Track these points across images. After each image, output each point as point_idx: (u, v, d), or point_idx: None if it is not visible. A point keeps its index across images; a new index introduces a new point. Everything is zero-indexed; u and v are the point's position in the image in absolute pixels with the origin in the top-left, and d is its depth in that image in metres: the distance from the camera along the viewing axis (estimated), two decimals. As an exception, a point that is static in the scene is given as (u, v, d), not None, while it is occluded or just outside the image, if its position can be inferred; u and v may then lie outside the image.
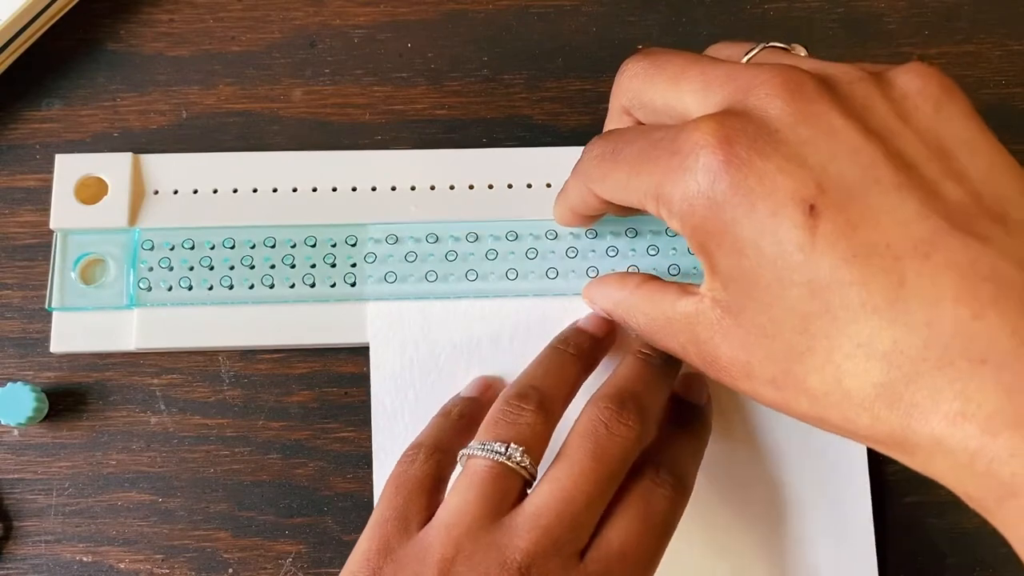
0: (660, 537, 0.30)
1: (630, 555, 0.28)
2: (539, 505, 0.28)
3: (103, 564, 0.36)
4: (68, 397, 0.37)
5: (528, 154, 0.39)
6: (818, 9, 0.42)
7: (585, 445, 0.29)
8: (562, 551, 0.27)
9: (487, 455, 0.29)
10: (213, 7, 0.42)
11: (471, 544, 0.27)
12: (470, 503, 0.28)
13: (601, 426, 0.30)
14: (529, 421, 0.30)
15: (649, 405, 0.31)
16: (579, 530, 0.28)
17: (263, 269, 0.37)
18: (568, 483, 0.28)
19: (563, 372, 0.33)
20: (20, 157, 0.40)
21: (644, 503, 0.30)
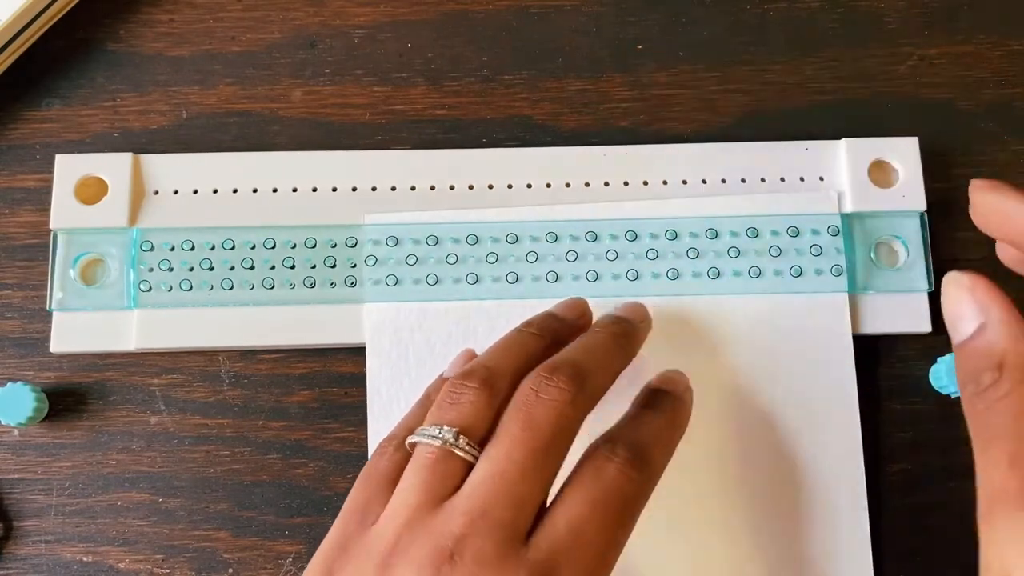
0: (615, 517, 0.27)
1: (580, 538, 0.26)
2: (473, 484, 0.27)
3: (103, 564, 0.36)
4: (68, 397, 0.37)
5: (528, 154, 0.39)
6: (818, 9, 0.42)
7: (516, 416, 0.28)
8: (500, 532, 0.26)
9: (426, 440, 0.28)
10: (213, 7, 0.42)
11: (409, 534, 0.26)
12: (411, 491, 0.27)
13: (531, 393, 0.28)
14: (471, 399, 0.28)
15: (588, 370, 0.29)
16: (517, 506, 0.26)
17: (263, 270, 0.37)
18: (500, 456, 0.27)
19: (519, 349, 0.31)
20: (20, 157, 0.40)
21: (594, 479, 0.28)
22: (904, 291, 0.38)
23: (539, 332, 0.32)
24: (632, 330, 0.33)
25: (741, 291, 0.37)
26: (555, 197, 0.38)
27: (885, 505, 0.37)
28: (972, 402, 0.28)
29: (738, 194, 0.38)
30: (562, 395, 0.28)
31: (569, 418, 0.28)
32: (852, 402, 0.36)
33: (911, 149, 0.39)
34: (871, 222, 0.38)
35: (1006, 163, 0.40)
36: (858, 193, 0.38)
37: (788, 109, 0.41)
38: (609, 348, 0.32)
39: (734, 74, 0.41)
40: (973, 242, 0.39)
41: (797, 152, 0.39)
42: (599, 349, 0.31)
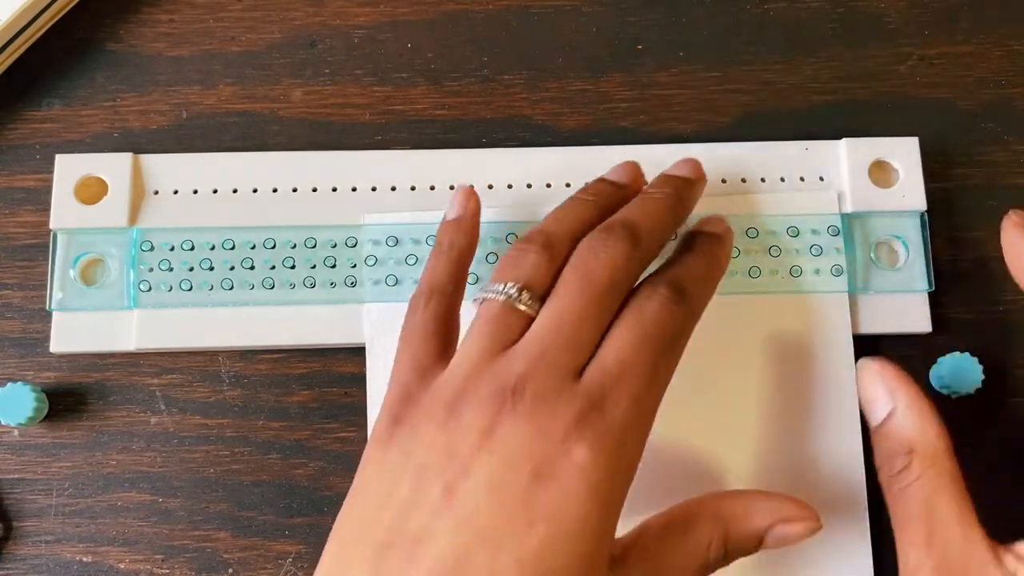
0: (658, 348, 0.29)
1: (627, 368, 0.28)
2: (534, 332, 0.29)
3: (103, 564, 0.36)
4: (68, 397, 0.37)
5: (528, 154, 0.39)
6: (818, 9, 0.42)
7: (574, 272, 0.30)
8: (557, 371, 0.28)
9: (491, 295, 0.30)
10: (213, 7, 0.42)
11: (475, 379, 0.28)
12: (476, 343, 0.29)
13: (589, 252, 0.30)
14: (532, 260, 0.31)
15: (645, 229, 0.31)
16: (573, 348, 0.28)
17: (263, 270, 0.37)
18: (559, 306, 0.29)
19: (574, 214, 0.33)
20: (20, 157, 0.40)
21: (638, 315, 0.30)
22: (904, 291, 0.38)
23: (593, 198, 0.34)
24: (687, 189, 0.35)
25: (741, 291, 0.37)
26: (555, 197, 0.38)
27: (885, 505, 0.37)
28: (888, 484, 0.31)
29: (738, 194, 0.38)
30: (618, 251, 0.30)
31: (624, 272, 0.30)
32: (852, 402, 0.36)
33: (911, 149, 0.39)
34: (871, 222, 0.38)
35: (1006, 163, 0.40)
36: (858, 193, 0.38)
37: (788, 109, 0.41)
38: (663, 209, 0.33)
39: (734, 74, 0.41)
40: (973, 242, 0.39)
41: (797, 152, 0.39)
42: (653, 210, 0.33)
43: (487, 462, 0.26)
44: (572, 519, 0.26)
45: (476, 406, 0.27)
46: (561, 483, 0.26)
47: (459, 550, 0.25)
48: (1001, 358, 0.38)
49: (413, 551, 0.26)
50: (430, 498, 0.26)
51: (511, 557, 0.25)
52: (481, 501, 0.26)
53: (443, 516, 0.26)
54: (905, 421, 0.31)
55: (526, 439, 0.27)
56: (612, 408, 0.27)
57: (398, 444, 0.28)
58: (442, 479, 0.26)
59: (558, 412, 0.27)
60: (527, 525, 0.26)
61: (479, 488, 0.26)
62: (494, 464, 0.26)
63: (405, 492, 0.27)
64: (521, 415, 0.27)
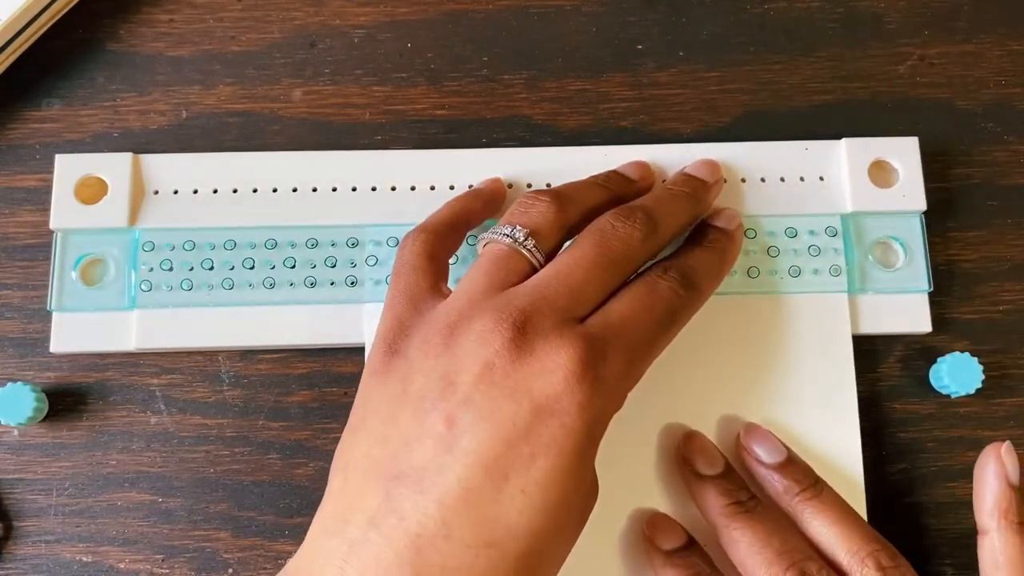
0: (661, 318, 0.30)
1: (629, 328, 0.29)
2: (540, 275, 0.30)
3: (103, 564, 0.36)
4: (68, 397, 0.37)
5: (528, 154, 0.39)
6: (818, 9, 0.42)
7: (590, 237, 0.31)
8: (558, 313, 0.28)
9: (496, 236, 0.31)
10: (213, 7, 0.42)
11: (472, 310, 0.28)
12: (476, 278, 0.30)
13: (608, 224, 0.31)
14: (541, 210, 0.31)
15: (662, 218, 0.32)
16: (576, 298, 0.29)
17: (263, 270, 0.37)
18: (569, 261, 0.30)
19: (587, 191, 0.34)
20: (20, 157, 0.40)
21: (647, 288, 0.31)
22: (903, 291, 0.38)
23: (605, 184, 0.35)
24: (703, 191, 0.36)
25: (740, 291, 0.37)
26: None
27: (885, 505, 0.37)
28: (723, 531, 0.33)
29: (737, 194, 0.38)
30: (635, 231, 0.31)
31: (638, 251, 0.31)
32: (852, 402, 0.36)
33: (911, 149, 0.39)
34: (870, 222, 0.38)
35: (1006, 163, 0.40)
36: (858, 193, 0.38)
37: (788, 109, 0.41)
38: (682, 206, 0.35)
39: (734, 74, 0.41)
40: (973, 242, 0.39)
41: (797, 152, 0.39)
42: (672, 205, 0.34)
43: (487, 394, 0.27)
44: (570, 454, 0.27)
45: (476, 337, 0.28)
46: (560, 419, 0.27)
47: (465, 481, 0.26)
48: (1001, 358, 0.38)
49: (421, 482, 0.26)
50: (433, 429, 0.27)
51: (516, 488, 0.26)
52: (483, 433, 0.26)
53: (447, 448, 0.26)
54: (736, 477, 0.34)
55: (527, 373, 0.27)
56: (613, 356, 0.28)
57: (394, 373, 0.29)
58: (443, 409, 0.27)
59: (561, 350, 0.27)
60: (529, 457, 0.26)
61: (481, 419, 0.27)
62: (495, 396, 0.27)
63: (407, 423, 0.27)
64: (522, 349, 0.27)
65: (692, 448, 0.35)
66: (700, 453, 0.34)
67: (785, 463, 0.34)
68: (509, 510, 0.26)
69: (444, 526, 0.26)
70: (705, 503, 0.34)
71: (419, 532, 0.26)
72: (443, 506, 0.26)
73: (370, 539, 0.26)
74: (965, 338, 0.38)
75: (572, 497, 0.27)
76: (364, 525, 0.26)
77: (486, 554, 0.26)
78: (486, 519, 0.26)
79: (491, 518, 0.26)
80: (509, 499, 0.26)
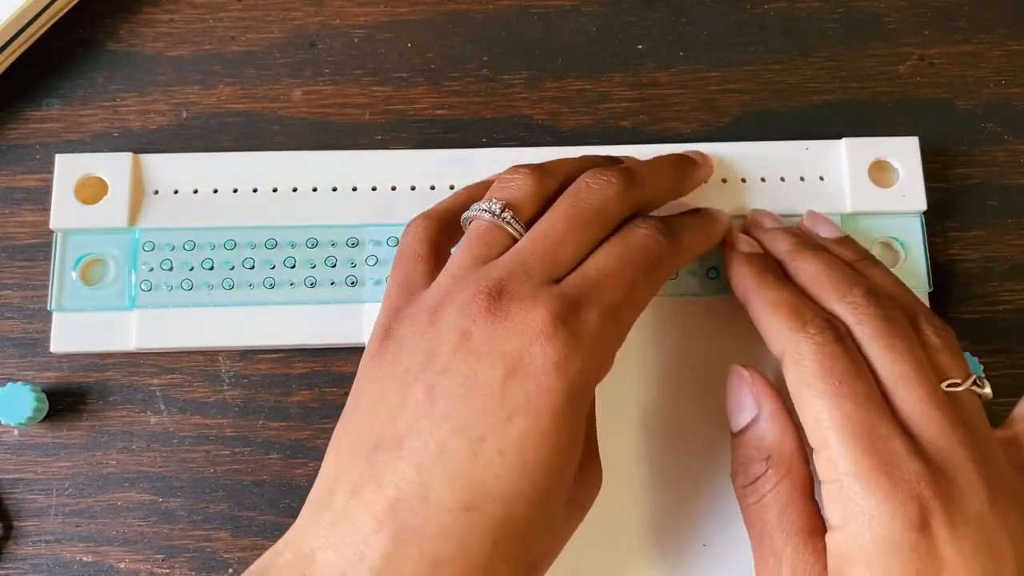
0: (640, 268, 0.30)
1: (606, 280, 0.29)
2: (516, 246, 0.30)
3: (103, 564, 0.36)
4: (68, 397, 0.37)
5: (528, 154, 0.39)
6: (818, 9, 0.42)
7: (565, 198, 0.31)
8: (534, 279, 0.28)
9: (475, 213, 0.31)
10: (213, 7, 0.42)
11: (455, 286, 0.29)
12: (460, 256, 0.30)
13: (582, 183, 0.31)
14: (520, 183, 0.31)
15: (640, 175, 0.32)
16: (552, 261, 0.29)
17: (263, 270, 0.37)
18: (544, 225, 0.30)
19: (575, 161, 0.34)
20: (20, 157, 0.40)
21: (624, 237, 0.30)
22: (904, 291, 0.38)
23: (589, 156, 0.35)
24: (690, 164, 0.36)
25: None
26: None
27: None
28: (743, 495, 0.31)
29: (738, 194, 0.38)
30: (610, 186, 0.31)
31: (614, 204, 0.31)
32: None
33: (911, 149, 0.39)
34: (870, 222, 0.38)
35: (1006, 163, 0.40)
36: (858, 193, 0.38)
37: (788, 109, 0.41)
38: (665, 168, 0.35)
39: (734, 74, 0.41)
40: (973, 242, 0.39)
41: (797, 152, 0.39)
42: (656, 165, 0.34)
43: (463, 360, 0.27)
44: (547, 414, 0.26)
45: (455, 310, 0.28)
46: (536, 379, 0.27)
47: (441, 444, 0.26)
48: (1001, 358, 0.38)
49: (399, 447, 0.27)
50: (414, 399, 0.27)
51: (492, 449, 0.26)
52: (457, 397, 0.27)
53: (425, 414, 0.27)
54: (765, 429, 0.31)
55: (501, 337, 0.27)
56: (587, 312, 0.28)
57: (386, 354, 0.29)
58: (423, 380, 0.27)
59: (534, 311, 0.27)
60: (505, 419, 0.26)
61: (456, 384, 0.27)
62: (470, 362, 0.27)
63: (393, 397, 0.28)
64: (497, 315, 0.27)
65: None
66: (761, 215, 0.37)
67: (844, 239, 0.35)
68: (486, 472, 0.26)
69: (421, 488, 0.26)
70: (773, 248, 0.34)
71: (397, 496, 0.26)
72: (421, 469, 0.26)
73: (351, 507, 0.26)
74: (965, 338, 0.38)
75: (554, 459, 0.27)
76: (347, 494, 0.27)
77: (465, 517, 0.26)
78: (463, 481, 0.26)
79: (468, 480, 0.26)
80: (486, 461, 0.26)
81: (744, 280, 0.33)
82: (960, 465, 0.27)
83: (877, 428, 0.28)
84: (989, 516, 0.27)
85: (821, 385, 0.29)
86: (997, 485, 0.28)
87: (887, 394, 0.29)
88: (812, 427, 0.29)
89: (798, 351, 0.30)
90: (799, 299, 0.31)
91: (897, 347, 0.30)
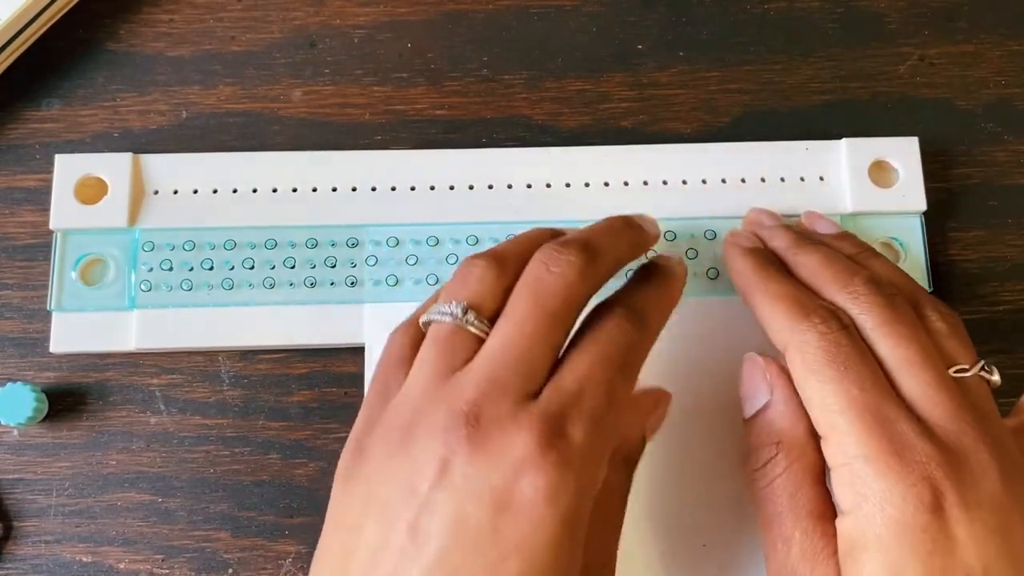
0: (616, 365, 0.28)
1: (585, 388, 0.27)
2: (484, 354, 0.27)
3: (103, 564, 0.36)
4: (68, 397, 0.37)
5: (528, 154, 0.39)
6: (818, 9, 0.42)
7: (525, 289, 0.28)
8: (511, 394, 0.26)
9: (437, 317, 0.29)
10: (213, 7, 0.42)
11: (426, 403, 0.27)
12: (424, 366, 0.28)
13: (542, 266, 0.29)
14: (479, 275, 0.29)
15: (598, 247, 0.30)
16: (526, 372, 0.27)
17: (263, 270, 0.37)
18: (509, 328, 0.28)
19: (527, 239, 0.31)
20: (20, 157, 0.40)
21: (593, 335, 0.28)
22: (904, 291, 0.38)
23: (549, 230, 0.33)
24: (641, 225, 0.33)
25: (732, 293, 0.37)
26: (555, 197, 0.38)
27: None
28: (752, 480, 0.30)
29: (738, 194, 0.38)
30: (571, 267, 0.29)
31: (578, 289, 0.29)
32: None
33: (911, 149, 0.39)
34: (871, 222, 0.38)
35: (1006, 163, 0.40)
36: (858, 193, 0.38)
37: (788, 109, 0.41)
38: (619, 231, 0.32)
39: (734, 74, 0.41)
40: (973, 242, 0.39)
41: (797, 152, 0.39)
42: (610, 231, 0.32)
43: (448, 498, 0.25)
44: (543, 548, 0.25)
45: (429, 435, 0.26)
46: (527, 516, 0.25)
47: None
48: (1001, 358, 0.38)
49: None
50: (396, 539, 0.25)
51: None
52: (447, 540, 0.25)
53: (412, 558, 0.25)
54: (777, 413, 0.31)
55: (485, 470, 0.25)
56: (572, 429, 0.26)
57: (359, 478, 0.27)
58: (405, 517, 0.25)
59: (516, 438, 0.25)
60: (500, 560, 0.24)
61: (444, 526, 0.25)
62: (456, 500, 0.25)
63: (371, 534, 0.26)
64: (477, 444, 0.25)
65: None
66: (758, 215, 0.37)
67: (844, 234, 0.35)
68: None
69: None
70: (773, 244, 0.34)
71: None
72: None
73: None
74: (965, 338, 0.38)
75: None
76: None
77: None
78: None
79: None
80: None
81: (745, 274, 0.33)
82: (971, 447, 0.27)
83: (885, 411, 0.28)
84: (1002, 497, 0.27)
85: (827, 371, 0.28)
86: (1009, 467, 0.27)
87: (893, 380, 0.29)
88: (820, 412, 0.29)
89: (803, 340, 0.29)
90: (801, 291, 0.31)
91: (901, 333, 0.29)
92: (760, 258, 0.33)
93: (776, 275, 0.32)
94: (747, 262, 0.33)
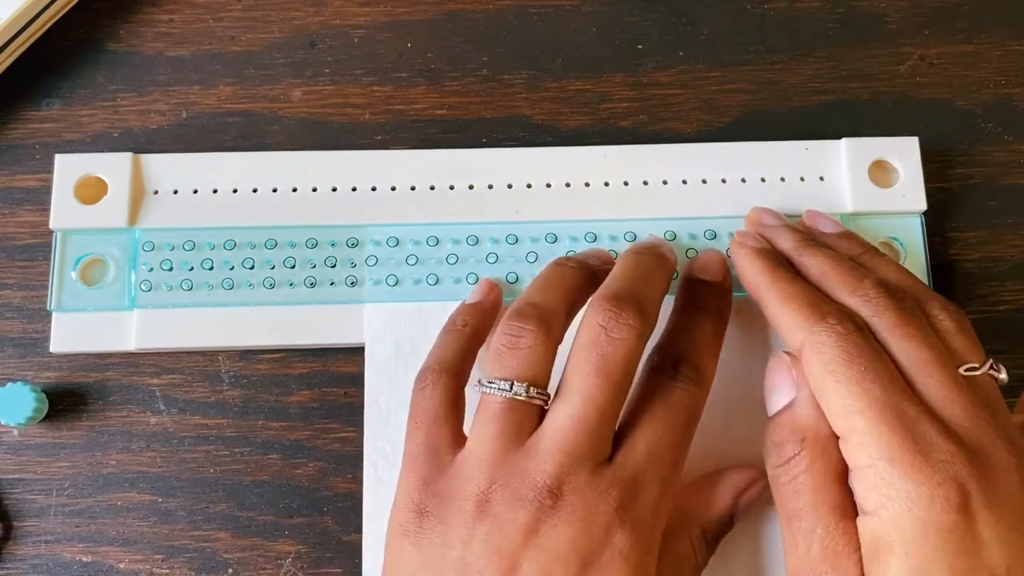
0: (683, 431, 0.31)
1: (657, 454, 0.29)
2: (556, 428, 0.29)
3: (103, 564, 0.36)
4: (68, 397, 0.37)
5: (528, 154, 0.39)
6: (818, 9, 0.42)
7: (590, 359, 0.30)
8: (588, 465, 0.28)
9: (494, 393, 0.30)
10: (213, 7, 0.42)
11: (502, 474, 0.28)
12: (492, 437, 0.29)
13: (601, 333, 0.30)
14: (530, 343, 0.30)
15: (647, 298, 0.31)
16: (598, 442, 0.29)
17: (263, 270, 0.37)
18: (579, 402, 0.29)
19: (563, 283, 0.33)
20: (20, 157, 0.40)
21: (664, 403, 0.30)
22: (904, 291, 0.38)
23: (578, 266, 0.34)
24: (667, 256, 0.35)
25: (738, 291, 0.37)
26: (555, 197, 0.38)
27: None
28: (776, 475, 0.31)
29: (738, 194, 0.38)
30: (631, 332, 0.30)
31: (638, 353, 0.31)
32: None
33: (911, 149, 0.39)
34: (871, 222, 0.38)
35: (1006, 163, 0.40)
36: (858, 193, 0.38)
37: (788, 109, 0.41)
38: (656, 272, 0.33)
39: (734, 74, 0.41)
40: (973, 242, 0.39)
41: (797, 152, 0.39)
42: (649, 274, 0.33)
43: (536, 558, 0.27)
44: None
45: (511, 504, 0.28)
46: (608, 571, 0.28)
47: None
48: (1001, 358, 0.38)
49: None
50: None
51: None
52: None
53: None
54: (802, 410, 0.31)
55: (571, 535, 0.28)
56: (645, 493, 0.29)
57: (430, 535, 0.29)
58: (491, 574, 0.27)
59: (598, 506, 0.28)
60: None
61: None
62: (543, 560, 0.27)
63: None
64: (563, 513, 0.28)
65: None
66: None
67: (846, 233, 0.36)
68: None
69: None
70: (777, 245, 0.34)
71: None
72: None
73: None
74: (965, 338, 0.38)
75: None
76: None
77: None
78: None
79: None
80: None
81: (756, 275, 0.33)
82: (992, 445, 0.27)
83: (906, 410, 0.28)
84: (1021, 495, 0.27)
85: (845, 371, 0.29)
86: None
87: (909, 381, 0.29)
88: (840, 413, 0.29)
89: (819, 341, 0.29)
90: (814, 292, 0.31)
91: (914, 335, 0.30)
92: (770, 259, 0.33)
93: (787, 276, 0.32)
94: (757, 263, 0.33)
